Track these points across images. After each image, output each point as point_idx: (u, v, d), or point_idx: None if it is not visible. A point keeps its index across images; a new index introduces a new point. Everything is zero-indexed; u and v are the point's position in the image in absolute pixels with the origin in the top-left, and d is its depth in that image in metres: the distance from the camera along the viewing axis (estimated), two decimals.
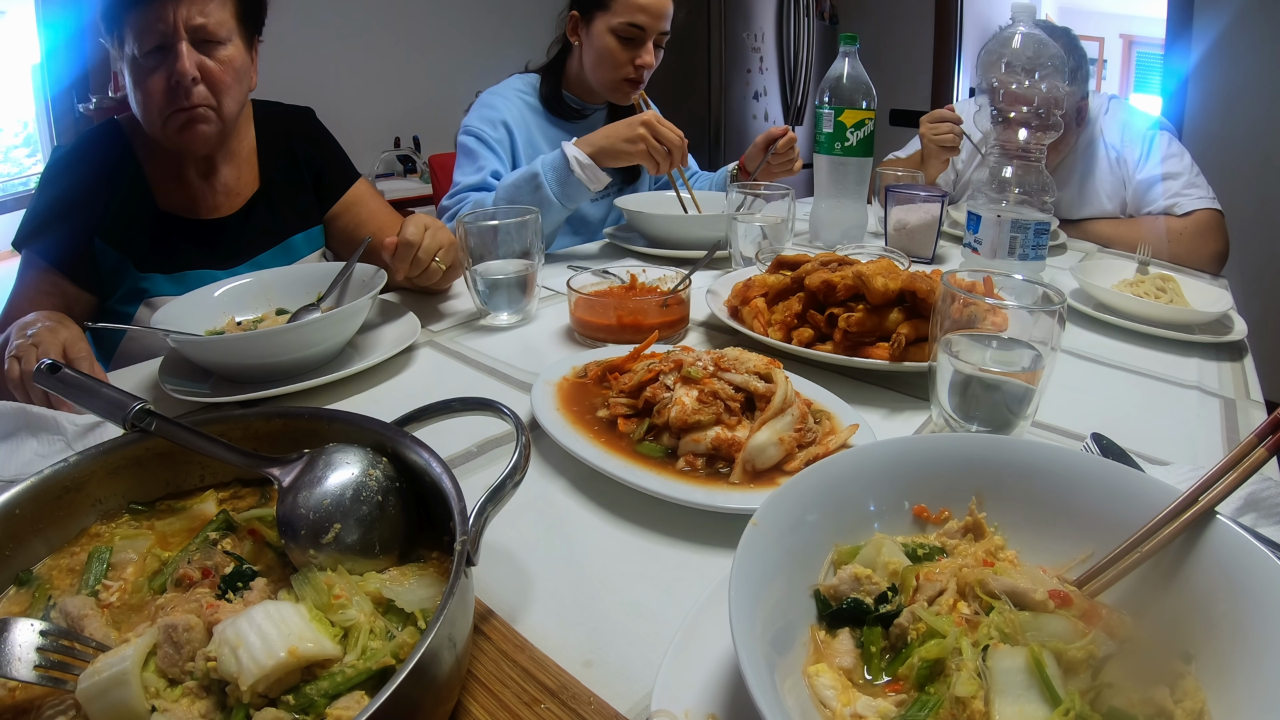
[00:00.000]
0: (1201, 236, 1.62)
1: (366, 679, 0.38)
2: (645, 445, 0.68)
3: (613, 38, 1.53)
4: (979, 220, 1.17)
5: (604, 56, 1.55)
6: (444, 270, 1.08)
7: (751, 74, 3.85)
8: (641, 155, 1.32)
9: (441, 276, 1.08)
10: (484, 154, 1.54)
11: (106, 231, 1.10)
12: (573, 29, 1.60)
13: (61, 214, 1.09)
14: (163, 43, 1.01)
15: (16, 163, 2.89)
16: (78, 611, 0.43)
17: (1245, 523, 0.55)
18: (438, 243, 1.05)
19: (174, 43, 1.01)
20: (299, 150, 1.29)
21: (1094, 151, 1.77)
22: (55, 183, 1.11)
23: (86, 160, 1.12)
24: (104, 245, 1.10)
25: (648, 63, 1.56)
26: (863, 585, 0.43)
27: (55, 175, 1.12)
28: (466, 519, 0.43)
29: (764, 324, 0.93)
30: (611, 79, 1.58)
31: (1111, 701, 0.36)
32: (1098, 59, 4.29)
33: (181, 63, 1.01)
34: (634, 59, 1.55)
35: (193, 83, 1.02)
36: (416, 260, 1.04)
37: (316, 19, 3.30)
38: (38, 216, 1.10)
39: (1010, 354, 0.70)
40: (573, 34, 1.61)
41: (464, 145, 1.57)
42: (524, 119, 1.63)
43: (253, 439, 0.55)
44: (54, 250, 1.08)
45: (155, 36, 1.00)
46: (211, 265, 1.17)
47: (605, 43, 1.54)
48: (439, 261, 1.06)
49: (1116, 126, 1.76)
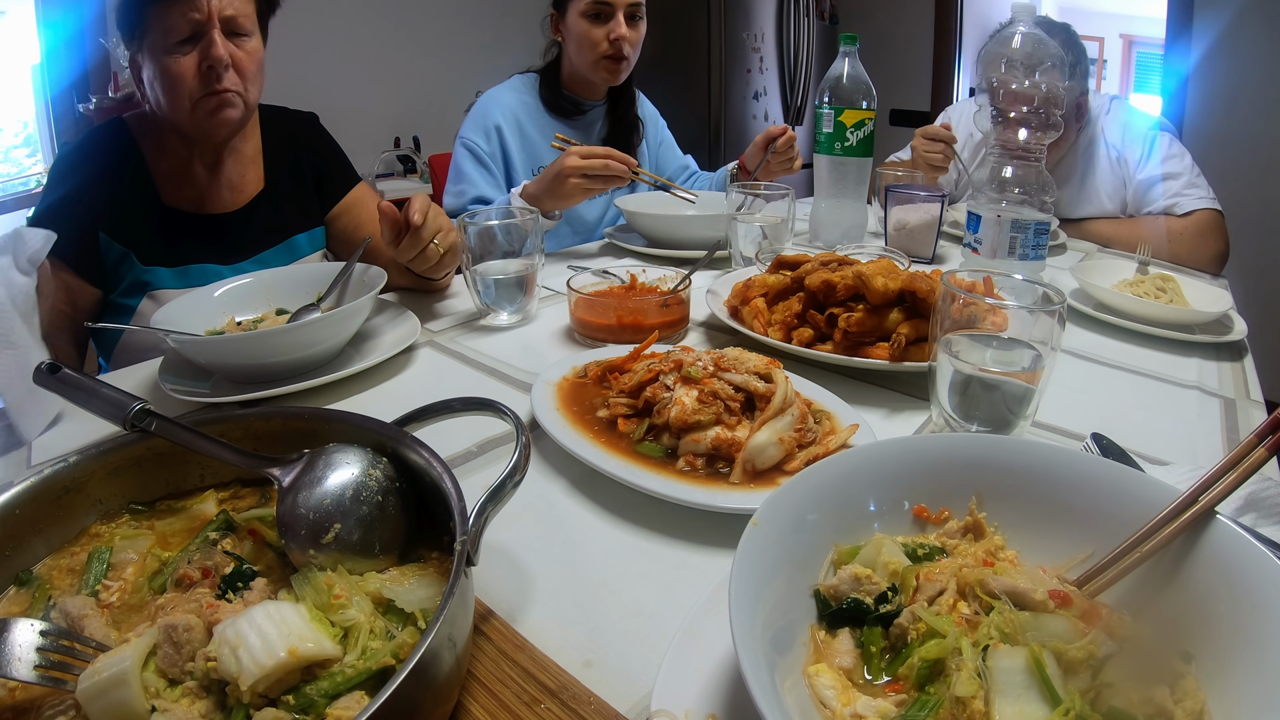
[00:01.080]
0: (1202, 237, 1.62)
1: (366, 679, 0.38)
2: (645, 445, 0.68)
3: (583, 20, 1.59)
4: (979, 220, 1.17)
5: (581, 40, 1.61)
6: (441, 255, 1.07)
7: (751, 74, 3.85)
8: (579, 190, 1.34)
9: (437, 262, 1.07)
10: (471, 173, 1.60)
11: (110, 225, 1.11)
12: (554, 27, 1.68)
13: (67, 209, 1.10)
14: (195, 32, 1.05)
15: (16, 163, 2.89)
16: (78, 611, 0.43)
17: (1245, 523, 0.55)
18: (437, 225, 1.06)
19: (207, 30, 1.05)
20: (302, 153, 1.32)
21: (1095, 151, 1.77)
22: (61, 180, 1.13)
23: (91, 157, 1.14)
24: (108, 239, 1.11)
25: (621, 34, 1.60)
26: (863, 585, 0.43)
27: (61, 173, 1.14)
28: (466, 519, 0.43)
29: (764, 324, 0.93)
30: (592, 59, 1.62)
31: (1111, 701, 0.36)
32: (1098, 59, 4.29)
33: (217, 49, 1.05)
34: (608, 34, 1.59)
35: (225, 68, 1.06)
36: (417, 239, 1.03)
37: (317, 19, 3.30)
38: (45, 212, 1.12)
39: (1010, 354, 0.70)
40: (555, 32, 1.68)
41: (455, 159, 1.63)
42: (519, 118, 1.67)
43: (253, 439, 0.55)
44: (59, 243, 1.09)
45: (188, 26, 1.04)
46: (215, 259, 1.18)
47: (579, 28, 1.60)
48: (437, 244, 1.05)
49: (1118, 126, 1.76)
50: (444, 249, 1.07)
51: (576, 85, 1.71)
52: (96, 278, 1.13)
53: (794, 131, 1.64)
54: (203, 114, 1.08)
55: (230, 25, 1.07)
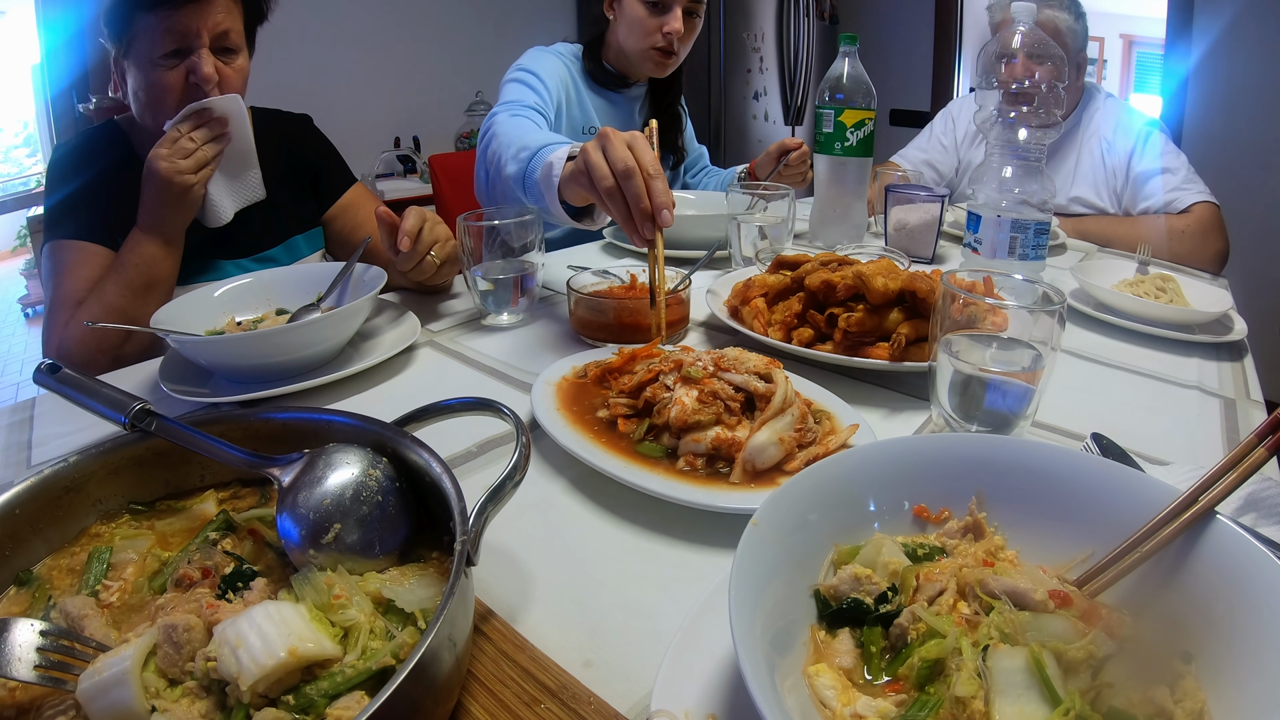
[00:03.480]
0: (1204, 234, 1.62)
1: (366, 679, 0.38)
2: (645, 445, 0.68)
3: (641, 5, 1.55)
4: (979, 220, 1.17)
5: (634, 25, 1.57)
6: (438, 265, 1.07)
7: (751, 74, 3.85)
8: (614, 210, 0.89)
9: (435, 271, 1.08)
10: (524, 92, 1.48)
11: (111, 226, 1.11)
12: (608, 3, 1.63)
13: (84, 199, 1.11)
14: (183, 46, 1.03)
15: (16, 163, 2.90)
16: (78, 611, 0.43)
17: (1245, 523, 0.55)
18: (434, 236, 1.05)
19: (196, 47, 1.03)
20: (298, 155, 1.32)
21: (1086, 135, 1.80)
22: (64, 177, 1.13)
23: (88, 159, 1.14)
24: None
25: (675, 29, 1.56)
26: (863, 585, 0.43)
27: (61, 172, 1.14)
28: (466, 519, 0.43)
29: (764, 324, 0.93)
30: (641, 47, 1.59)
31: (1111, 701, 0.36)
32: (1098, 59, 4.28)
33: (205, 67, 1.04)
34: (662, 26, 1.56)
35: (212, 87, 1.05)
36: (412, 252, 1.03)
37: (317, 19, 3.30)
38: (59, 206, 1.11)
39: (1010, 354, 0.70)
40: (608, 8, 1.63)
41: (508, 86, 1.51)
42: (566, 81, 1.62)
43: (253, 439, 0.55)
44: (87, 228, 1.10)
45: (176, 39, 1.03)
46: (216, 256, 1.19)
47: (635, 11, 1.56)
48: (434, 256, 1.05)
49: (1110, 119, 1.79)
50: (441, 259, 1.06)
51: (620, 63, 1.68)
52: None
53: (808, 146, 1.61)
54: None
55: (222, 41, 1.06)
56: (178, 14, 1.02)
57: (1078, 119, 1.81)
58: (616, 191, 0.85)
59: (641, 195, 0.84)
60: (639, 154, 0.85)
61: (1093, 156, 1.78)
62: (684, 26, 1.57)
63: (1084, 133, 1.80)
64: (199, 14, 1.03)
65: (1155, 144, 1.72)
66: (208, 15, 1.04)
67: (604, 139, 0.87)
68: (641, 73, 1.69)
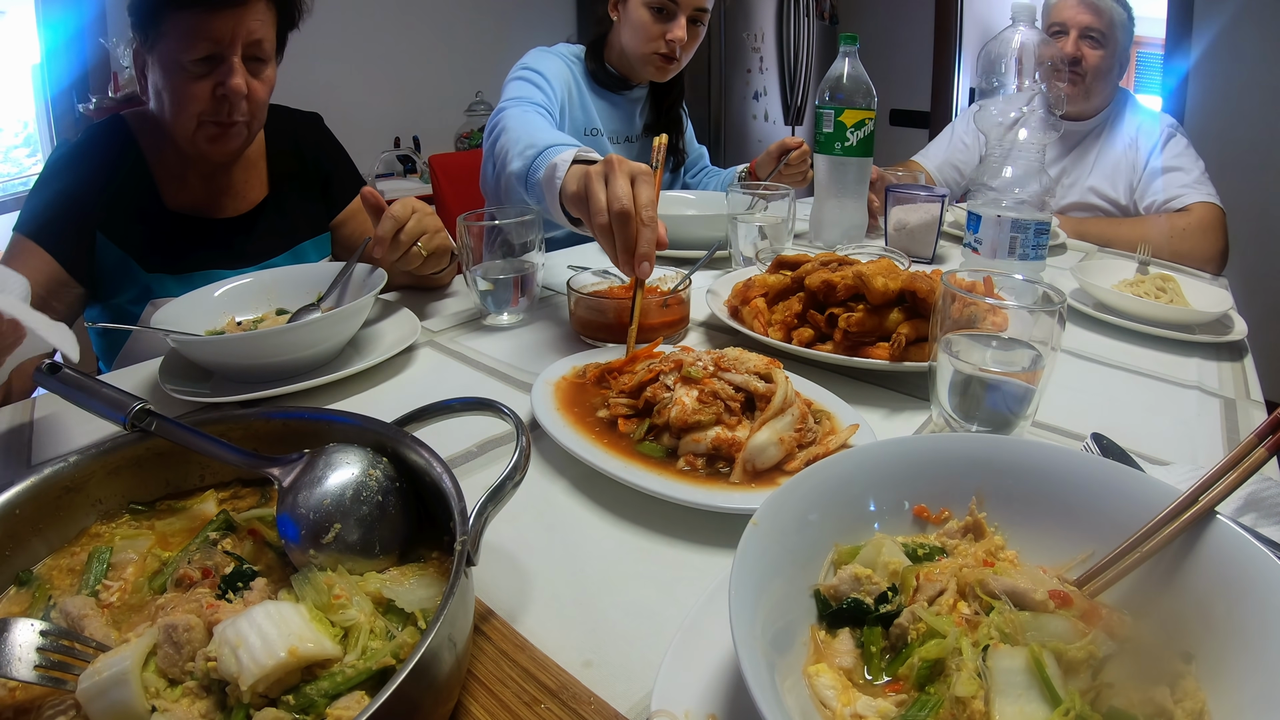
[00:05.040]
0: (1204, 233, 1.62)
1: (366, 679, 0.38)
2: (645, 445, 0.68)
3: (645, 10, 1.55)
4: (979, 220, 1.17)
5: (637, 29, 1.57)
6: (424, 257, 1.04)
7: (751, 74, 3.85)
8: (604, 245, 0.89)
9: (423, 263, 1.05)
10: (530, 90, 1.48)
11: (109, 226, 1.09)
12: (612, 4, 1.62)
13: (62, 205, 1.07)
14: (215, 53, 1.00)
15: (16, 163, 2.89)
16: (78, 611, 0.43)
17: (1245, 523, 0.55)
18: (421, 227, 1.03)
19: (228, 55, 1.00)
20: (308, 156, 1.29)
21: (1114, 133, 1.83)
22: (56, 176, 1.10)
23: (90, 155, 1.11)
24: (105, 240, 1.09)
25: (678, 37, 1.56)
26: (863, 585, 0.43)
27: (56, 169, 1.11)
28: (466, 519, 0.43)
29: (764, 324, 0.93)
30: (643, 52, 1.59)
31: (1111, 701, 0.36)
32: None
33: (236, 80, 1.01)
34: (665, 33, 1.56)
35: (240, 99, 1.03)
36: (397, 243, 1.00)
37: (317, 19, 3.28)
38: (40, 206, 1.08)
39: (1010, 354, 0.70)
40: (612, 9, 1.63)
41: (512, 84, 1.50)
42: (569, 82, 1.62)
43: (253, 439, 0.55)
44: (54, 239, 1.06)
45: (209, 45, 0.99)
46: (221, 266, 1.15)
47: (639, 16, 1.56)
48: (420, 247, 1.02)
49: (1135, 119, 1.82)
50: (428, 251, 1.04)
51: (622, 66, 1.68)
52: (86, 278, 1.09)
53: (808, 146, 1.62)
54: (205, 138, 1.06)
55: (253, 50, 1.03)
56: (213, 18, 0.98)
57: (1108, 116, 1.83)
58: (609, 229, 0.85)
59: (631, 240, 0.84)
60: (638, 194, 0.84)
61: (1114, 151, 1.81)
62: (687, 34, 1.58)
63: (1112, 130, 1.83)
64: (235, 19, 0.99)
65: (1176, 144, 1.75)
66: (243, 22, 1.00)
67: (609, 170, 0.86)
68: (643, 76, 1.69)
